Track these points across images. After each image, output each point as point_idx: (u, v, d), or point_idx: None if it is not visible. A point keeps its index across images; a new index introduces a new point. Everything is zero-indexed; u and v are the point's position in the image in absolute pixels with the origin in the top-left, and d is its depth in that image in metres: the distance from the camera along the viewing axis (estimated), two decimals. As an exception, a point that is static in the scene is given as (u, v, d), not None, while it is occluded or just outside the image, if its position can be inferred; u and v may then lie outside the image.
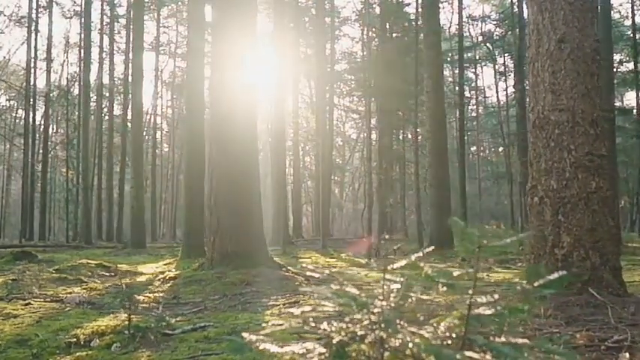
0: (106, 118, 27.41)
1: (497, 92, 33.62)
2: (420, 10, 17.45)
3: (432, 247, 1.85)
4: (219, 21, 7.02)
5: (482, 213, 29.80)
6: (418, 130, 19.07)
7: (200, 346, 3.48)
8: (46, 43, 26.41)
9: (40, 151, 26.15)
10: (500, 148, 33.32)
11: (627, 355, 2.97)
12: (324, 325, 1.42)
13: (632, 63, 17.73)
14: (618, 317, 3.75)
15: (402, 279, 1.55)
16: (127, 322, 3.86)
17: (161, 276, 7.05)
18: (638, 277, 8.07)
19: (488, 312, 1.43)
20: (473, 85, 36.66)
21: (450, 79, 33.44)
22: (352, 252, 14.12)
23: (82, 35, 23.24)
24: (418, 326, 1.34)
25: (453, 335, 1.39)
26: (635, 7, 18.13)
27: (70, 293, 6.11)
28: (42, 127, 26.10)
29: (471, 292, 1.38)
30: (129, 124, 22.79)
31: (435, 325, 1.46)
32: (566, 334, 3.39)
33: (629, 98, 31.29)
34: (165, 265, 10.42)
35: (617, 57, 23.97)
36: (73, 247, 18.82)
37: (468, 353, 1.14)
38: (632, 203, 24.66)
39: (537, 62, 4.33)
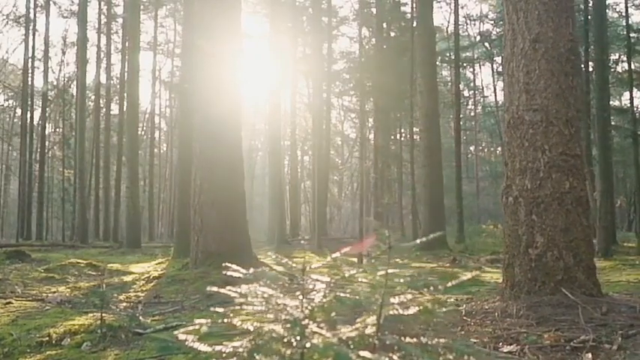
0: (104, 117, 27.46)
1: (495, 91, 33.59)
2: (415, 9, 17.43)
3: (349, 248, 1.84)
4: (203, 16, 7.00)
5: (480, 213, 29.77)
6: (415, 129, 19.08)
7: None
8: (44, 43, 26.48)
9: (38, 150, 26.21)
10: (499, 148, 33.29)
11: (590, 355, 2.97)
12: (244, 324, 1.43)
13: (628, 63, 17.64)
14: (589, 317, 3.75)
15: (327, 278, 1.56)
16: (99, 322, 3.88)
17: (146, 275, 7.06)
18: (626, 277, 8.08)
19: (410, 312, 1.43)
20: (471, 84, 36.63)
21: (449, 79, 33.39)
22: (351, 252, 14.10)
23: (79, 34, 23.26)
24: (332, 326, 1.34)
25: (378, 334, 1.40)
26: (630, 8, 18.07)
27: (54, 292, 6.13)
28: (40, 126, 26.16)
29: (382, 292, 1.38)
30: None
31: (359, 324, 1.46)
32: (534, 334, 3.39)
33: (628, 98, 31.22)
34: (157, 264, 10.44)
35: (615, 56, 23.92)
36: (69, 246, 18.83)
37: (363, 353, 1.15)
38: (629, 203, 24.61)
39: (512, 62, 4.33)
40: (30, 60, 25.75)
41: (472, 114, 36.87)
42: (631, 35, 20.19)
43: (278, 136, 19.38)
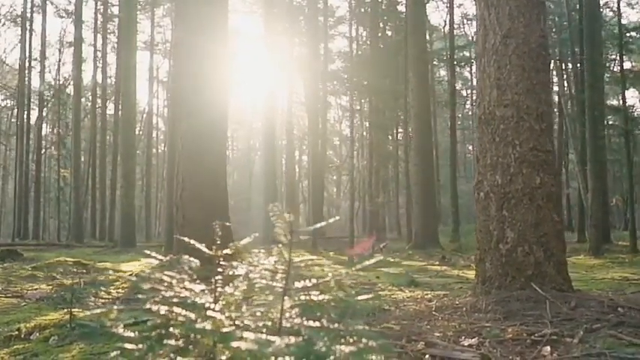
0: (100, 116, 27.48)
1: (493, 91, 33.49)
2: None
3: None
4: (188, 10, 6.98)
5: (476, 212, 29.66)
6: (410, 128, 19.08)
7: (134, 339, 3.50)
8: (41, 43, 26.56)
9: (36, 150, 26.25)
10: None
11: (548, 348, 2.98)
12: (160, 309, 1.45)
13: (625, 63, 17.66)
14: (556, 312, 3.76)
15: (246, 266, 1.58)
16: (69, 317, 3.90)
17: (129, 273, 7.08)
18: (612, 275, 8.08)
19: (320, 298, 1.44)
20: (469, 83, 36.62)
21: (447, 79, 33.37)
22: (351, 251, 14.09)
23: (75, 34, 23.32)
24: (238, 312, 1.36)
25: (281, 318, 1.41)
26: (626, 8, 18.01)
27: (36, 290, 6.15)
28: (37, 126, 26.23)
29: (287, 277, 1.39)
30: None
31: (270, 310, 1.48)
32: (497, 328, 3.40)
33: (626, 97, 31.24)
34: (147, 262, 10.46)
35: (613, 55, 23.90)
36: (64, 245, 18.88)
37: (247, 334, 1.16)
38: (625, 202, 24.56)
39: (484, 58, 4.34)
40: (27, 60, 25.80)
41: (470, 113, 36.87)
42: (628, 35, 20.20)
43: (272, 135, 19.40)
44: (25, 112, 26.18)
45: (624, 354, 2.81)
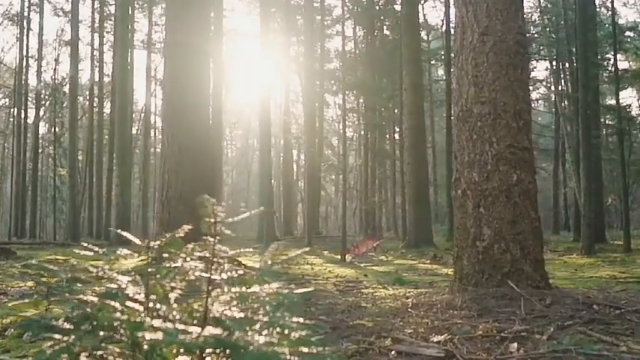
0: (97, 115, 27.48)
1: (491, 90, 33.42)
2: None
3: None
4: (177, 6, 6.99)
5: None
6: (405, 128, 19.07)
7: (108, 335, 3.50)
8: (38, 42, 26.57)
9: (33, 149, 26.26)
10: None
11: (515, 345, 2.98)
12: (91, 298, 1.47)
13: (623, 63, 17.65)
14: (531, 309, 3.76)
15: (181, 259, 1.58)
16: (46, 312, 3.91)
17: (117, 270, 7.08)
18: (601, 273, 8.09)
19: (252, 290, 1.45)
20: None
21: (445, 78, 33.30)
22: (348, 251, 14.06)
23: (72, 33, 23.33)
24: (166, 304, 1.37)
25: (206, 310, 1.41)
26: (622, 8, 17.95)
27: (21, 287, 6.17)
28: (34, 125, 26.26)
29: (209, 269, 1.40)
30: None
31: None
32: (469, 324, 3.40)
33: (624, 96, 31.36)
34: (139, 261, 10.46)
35: (609, 55, 23.90)
36: (60, 244, 18.86)
37: (156, 322, 1.16)
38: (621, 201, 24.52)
39: (462, 55, 4.34)
40: (24, 59, 25.82)
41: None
42: (626, 34, 20.19)
43: (269, 134, 19.39)
44: (23, 111, 26.20)
45: (590, 350, 2.80)
